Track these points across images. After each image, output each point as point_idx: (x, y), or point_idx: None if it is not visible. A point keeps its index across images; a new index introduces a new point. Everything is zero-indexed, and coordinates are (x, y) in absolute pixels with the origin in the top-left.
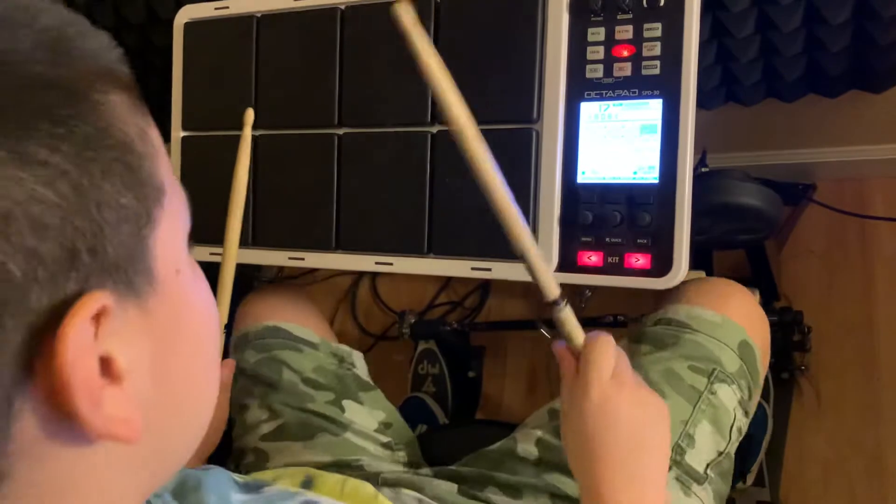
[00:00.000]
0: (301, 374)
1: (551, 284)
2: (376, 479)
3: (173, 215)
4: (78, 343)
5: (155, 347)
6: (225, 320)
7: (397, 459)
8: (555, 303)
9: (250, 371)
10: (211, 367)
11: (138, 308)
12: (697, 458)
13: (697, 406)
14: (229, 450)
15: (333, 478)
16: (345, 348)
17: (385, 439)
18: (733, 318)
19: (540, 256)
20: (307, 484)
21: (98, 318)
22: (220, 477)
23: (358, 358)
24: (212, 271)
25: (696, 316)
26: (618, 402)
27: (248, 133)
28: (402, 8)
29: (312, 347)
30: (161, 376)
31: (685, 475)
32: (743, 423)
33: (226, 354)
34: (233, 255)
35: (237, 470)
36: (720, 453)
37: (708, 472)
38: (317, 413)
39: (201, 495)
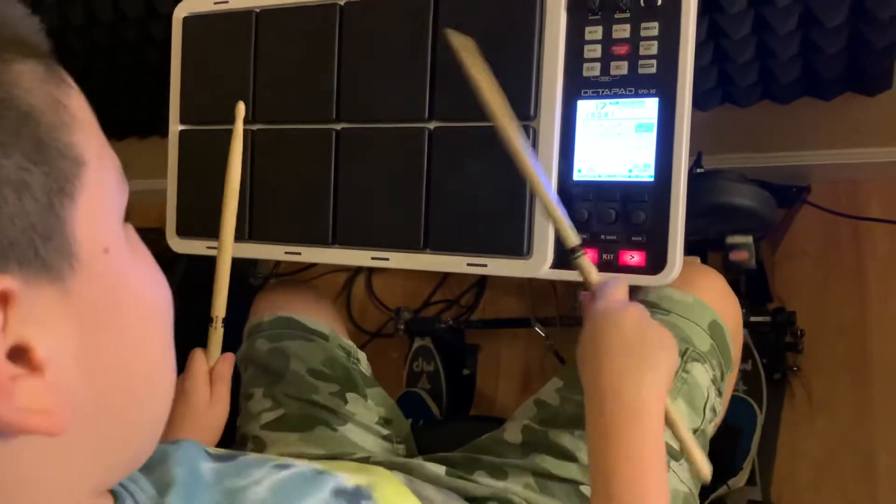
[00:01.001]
0: (308, 364)
1: (570, 234)
2: (366, 462)
3: (98, 190)
4: None
5: (83, 332)
6: (222, 314)
7: (396, 452)
8: (573, 250)
9: (260, 360)
10: (162, 350)
11: (57, 290)
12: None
13: (673, 385)
14: (231, 441)
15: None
16: (351, 344)
17: (385, 432)
18: (703, 300)
19: (563, 212)
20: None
21: (4, 303)
22: (188, 449)
23: (362, 356)
24: (209, 264)
25: (667, 296)
26: (623, 309)
27: (239, 126)
28: (452, 35)
29: (323, 339)
30: (94, 362)
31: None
32: (717, 402)
33: (225, 348)
34: (228, 247)
35: None
36: (695, 430)
37: None
38: (319, 405)
39: (168, 466)
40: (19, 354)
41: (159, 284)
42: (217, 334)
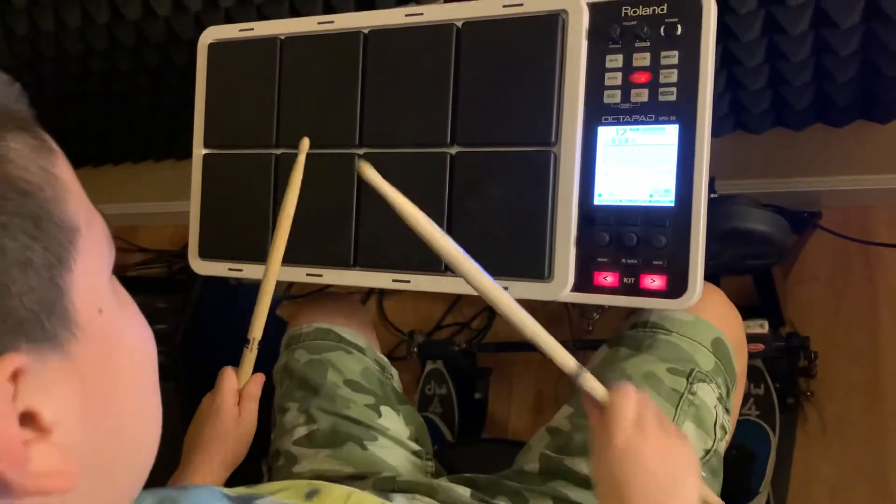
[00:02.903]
0: (346, 375)
1: (568, 360)
2: (392, 484)
3: (90, 253)
4: None
5: (84, 390)
6: (259, 336)
7: (426, 469)
8: (576, 375)
9: (298, 373)
10: (153, 393)
11: (59, 356)
12: None
13: (679, 407)
14: (256, 444)
15: (339, 489)
16: (385, 360)
17: (416, 448)
18: (705, 317)
19: (549, 338)
20: (311, 495)
21: (15, 378)
22: (202, 493)
23: (395, 372)
24: (224, 285)
25: (668, 316)
26: (641, 450)
27: (301, 160)
28: (363, 165)
29: (360, 352)
30: (94, 416)
31: None
32: (725, 419)
33: (257, 368)
34: (274, 272)
35: (269, 471)
36: (707, 451)
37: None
38: (351, 419)
39: None
40: (27, 420)
41: (145, 329)
42: (251, 356)
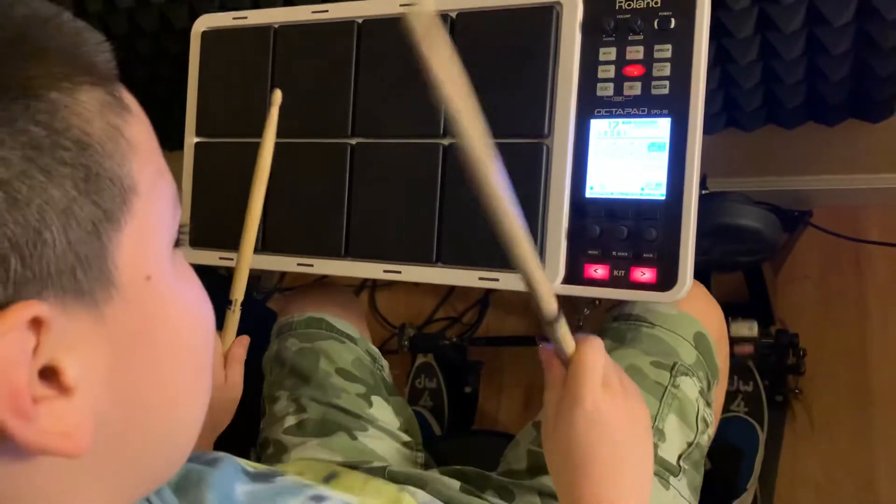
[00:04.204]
0: (337, 364)
1: (552, 301)
2: (382, 473)
3: (147, 218)
4: (3, 355)
5: (115, 357)
6: (240, 298)
7: (416, 460)
8: (554, 320)
9: (289, 361)
10: (198, 376)
11: (91, 316)
12: (669, 451)
13: (664, 400)
14: (246, 434)
15: (356, 475)
16: (376, 350)
17: (406, 439)
18: (687, 311)
19: (541, 272)
20: (329, 479)
21: (37, 327)
22: (226, 469)
23: (385, 364)
24: (217, 276)
25: (651, 310)
26: (610, 414)
27: (274, 114)
28: (413, 15)
29: (352, 342)
30: (124, 387)
31: (662, 469)
32: (707, 413)
33: (241, 331)
34: (252, 231)
35: (258, 461)
36: (689, 444)
37: (681, 463)
38: (342, 409)
39: (202, 491)
40: (49, 376)
41: (202, 312)
42: (234, 317)
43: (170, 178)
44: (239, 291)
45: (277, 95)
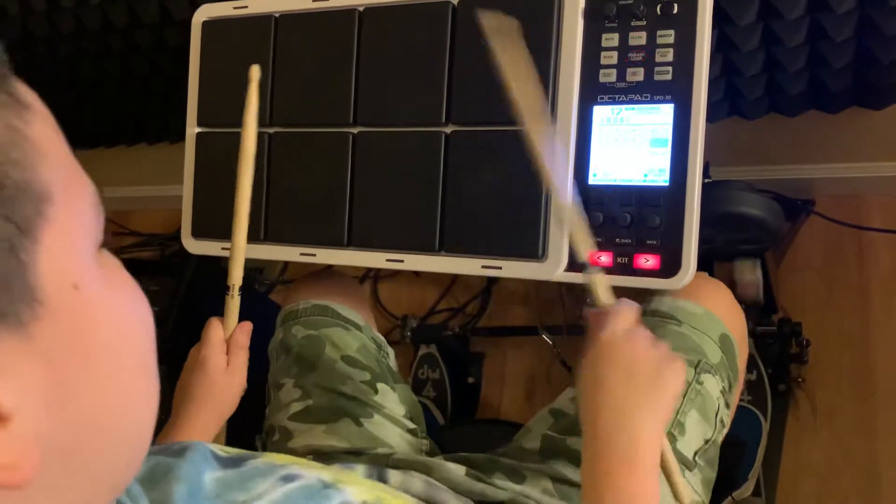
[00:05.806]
0: (343, 351)
1: (591, 242)
2: (387, 460)
3: (66, 224)
4: None
5: (51, 374)
6: (239, 282)
7: (421, 447)
8: (591, 264)
9: (295, 348)
10: (142, 376)
11: (18, 336)
12: (687, 446)
13: (687, 395)
14: (254, 419)
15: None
16: (382, 338)
17: (412, 426)
18: (713, 312)
19: (583, 221)
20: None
21: None
22: (195, 459)
23: (391, 352)
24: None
25: (679, 307)
26: (628, 340)
27: (254, 91)
28: (487, 17)
29: (358, 329)
30: (66, 403)
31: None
32: (725, 413)
33: (242, 317)
34: (244, 213)
35: (263, 447)
36: (707, 441)
37: (696, 458)
38: (348, 396)
39: (170, 483)
40: None
41: (138, 311)
42: (234, 302)
43: (85, 177)
44: (236, 276)
45: (255, 71)
